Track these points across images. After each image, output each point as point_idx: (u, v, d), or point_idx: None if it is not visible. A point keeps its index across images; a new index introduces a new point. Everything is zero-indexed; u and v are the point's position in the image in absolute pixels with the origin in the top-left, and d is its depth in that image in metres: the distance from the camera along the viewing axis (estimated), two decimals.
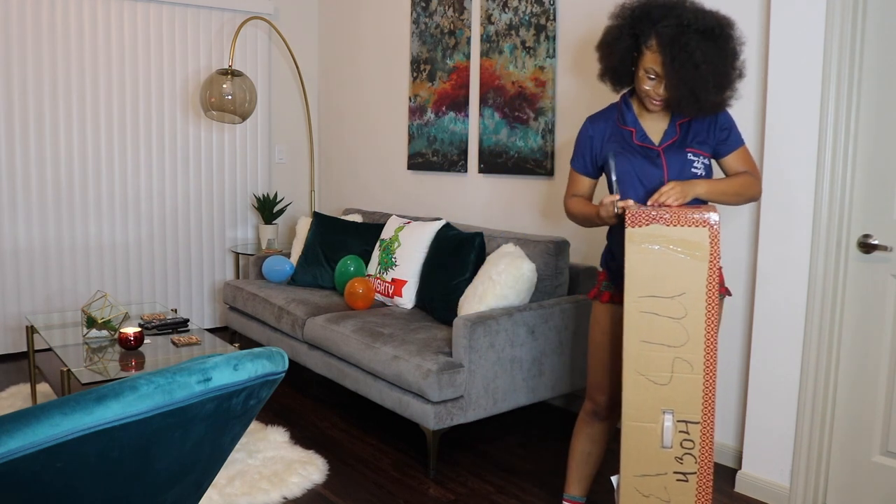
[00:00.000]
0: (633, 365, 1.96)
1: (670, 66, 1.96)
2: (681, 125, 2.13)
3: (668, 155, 2.10)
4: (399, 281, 3.63)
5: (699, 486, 2.01)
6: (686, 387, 1.96)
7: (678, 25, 1.94)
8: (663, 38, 1.96)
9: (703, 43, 1.93)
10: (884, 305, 2.42)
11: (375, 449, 3.11)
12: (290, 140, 5.35)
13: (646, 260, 1.91)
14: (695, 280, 1.91)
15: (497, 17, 3.80)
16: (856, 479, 2.50)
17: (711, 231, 1.89)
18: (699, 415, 1.97)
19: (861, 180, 2.45)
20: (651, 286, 1.92)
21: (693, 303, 1.92)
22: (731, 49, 1.99)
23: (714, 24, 1.95)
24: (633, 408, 1.98)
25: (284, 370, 1.34)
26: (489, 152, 3.91)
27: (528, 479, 2.83)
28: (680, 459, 2.00)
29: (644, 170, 2.11)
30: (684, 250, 1.90)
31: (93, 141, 4.49)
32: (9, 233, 4.28)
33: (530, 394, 3.00)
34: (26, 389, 3.75)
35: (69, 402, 1.05)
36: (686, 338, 1.94)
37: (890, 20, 2.35)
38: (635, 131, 2.15)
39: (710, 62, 1.94)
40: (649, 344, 1.94)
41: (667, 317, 1.93)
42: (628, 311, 1.93)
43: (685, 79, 1.95)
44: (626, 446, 2.00)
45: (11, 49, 4.17)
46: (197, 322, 4.98)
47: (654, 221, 1.89)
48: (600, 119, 2.24)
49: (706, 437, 1.98)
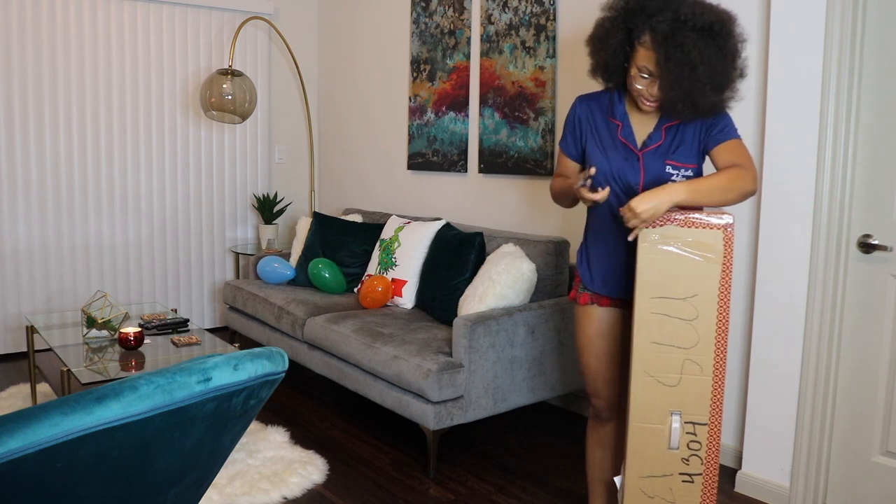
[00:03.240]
0: (643, 366, 1.95)
1: (665, 65, 1.84)
2: (667, 129, 2.00)
3: (647, 160, 2.00)
4: (399, 281, 3.63)
5: (704, 488, 2.01)
6: (695, 388, 1.95)
7: (674, 21, 1.80)
8: (658, 35, 1.83)
9: (701, 41, 1.80)
10: (884, 305, 2.42)
11: (375, 449, 3.11)
12: (290, 140, 5.35)
13: (658, 261, 1.89)
14: (707, 282, 1.90)
15: (497, 17, 3.80)
16: (856, 479, 2.50)
17: (726, 234, 1.87)
18: (707, 416, 1.97)
19: (861, 180, 2.45)
20: (663, 287, 1.90)
21: (705, 305, 1.91)
22: (732, 47, 1.86)
23: (714, 20, 1.82)
24: (640, 409, 1.97)
25: (284, 370, 1.34)
26: (489, 152, 3.91)
27: (528, 479, 2.83)
28: (686, 461, 1.99)
29: (621, 170, 2.01)
30: (698, 252, 1.88)
31: (93, 141, 4.49)
32: (9, 233, 4.29)
33: (530, 394, 3.00)
34: (26, 389, 3.75)
35: (69, 402, 1.05)
36: (697, 339, 1.92)
37: (890, 20, 2.35)
38: (622, 126, 2.04)
39: (708, 62, 1.81)
40: (659, 345, 1.93)
41: (678, 318, 1.91)
42: (639, 312, 1.92)
43: (680, 80, 1.83)
44: (632, 447, 2.00)
45: (11, 49, 4.17)
46: (197, 322, 4.98)
47: (668, 222, 1.87)
48: (590, 101, 2.12)
49: (713, 439, 1.98)
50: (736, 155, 1.96)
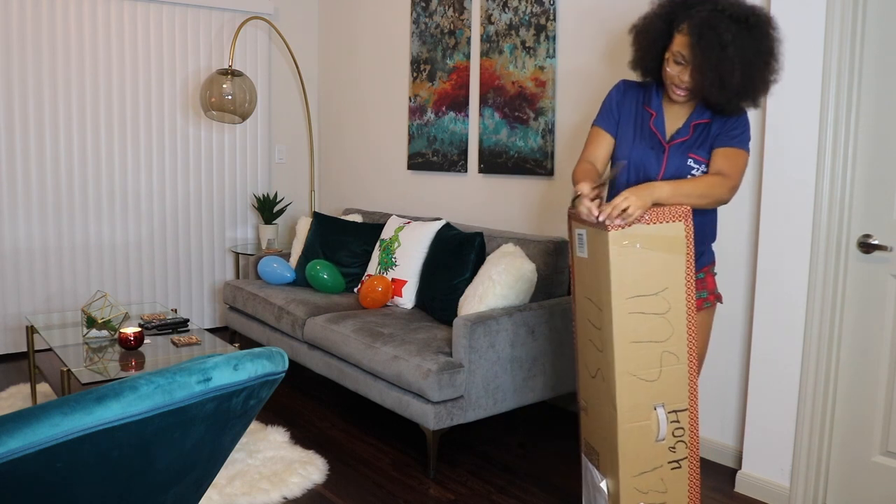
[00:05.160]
0: (625, 367, 1.96)
1: (697, 46, 1.94)
2: (695, 126, 2.11)
3: (672, 154, 2.10)
4: (399, 281, 3.63)
5: (690, 470, 2.05)
6: (674, 378, 1.99)
7: (712, 10, 1.94)
8: (694, 20, 1.94)
9: (734, 26, 1.91)
10: (884, 305, 2.42)
11: (375, 449, 3.11)
12: (290, 140, 5.35)
13: (630, 260, 1.91)
14: (675, 274, 1.95)
15: (497, 17, 3.80)
16: (856, 479, 2.50)
17: (686, 224, 1.94)
18: (686, 402, 2.01)
19: (861, 180, 2.45)
20: (637, 286, 1.93)
21: (675, 296, 1.95)
22: (766, 43, 1.96)
23: (750, 13, 1.94)
24: (627, 410, 1.98)
25: (284, 370, 1.34)
26: (489, 152, 3.91)
27: (528, 479, 2.83)
28: (673, 448, 2.03)
29: (643, 160, 2.12)
30: (664, 246, 1.93)
31: (93, 141, 4.49)
32: (9, 233, 4.29)
33: (530, 394, 3.00)
34: (26, 389, 3.75)
35: (69, 402, 1.05)
36: (671, 331, 1.97)
37: (890, 19, 2.35)
38: (655, 115, 2.15)
39: (740, 46, 1.91)
40: (638, 343, 1.95)
41: (653, 314, 1.95)
42: (616, 315, 1.93)
43: (711, 60, 1.92)
44: (623, 449, 2.00)
45: (11, 49, 4.17)
46: (197, 322, 4.98)
47: (635, 221, 1.90)
48: (631, 88, 2.24)
49: (693, 421, 2.03)
50: (729, 164, 2.05)
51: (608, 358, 1.97)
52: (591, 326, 2.06)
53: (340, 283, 3.97)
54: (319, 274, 3.92)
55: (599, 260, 1.95)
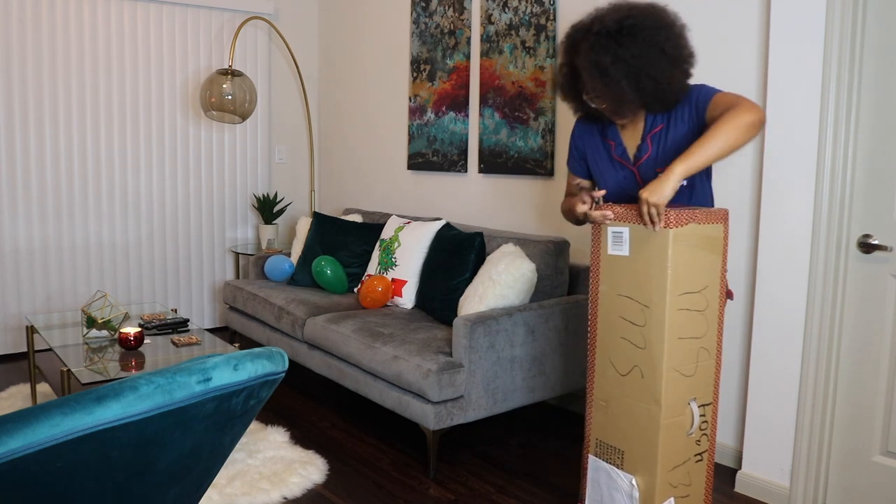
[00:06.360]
0: (671, 362, 1.98)
1: (589, 80, 1.97)
2: (652, 138, 2.09)
3: (643, 171, 2.11)
4: (399, 281, 3.63)
5: (709, 462, 2.11)
6: (706, 373, 2.06)
7: (587, 35, 1.95)
8: (580, 57, 1.97)
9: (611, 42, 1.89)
10: (884, 305, 2.42)
11: (375, 449, 3.11)
12: (290, 140, 5.35)
13: (683, 259, 1.95)
14: (714, 272, 2.02)
15: (497, 17, 3.80)
16: (856, 479, 2.50)
17: (725, 225, 2.01)
18: (711, 396, 2.08)
19: (861, 180, 2.45)
20: (687, 283, 1.97)
21: (713, 294, 2.02)
22: (652, 39, 1.89)
23: (623, 17, 1.90)
24: (669, 405, 2.00)
25: (284, 370, 1.34)
26: (489, 152, 3.91)
27: (528, 479, 2.83)
28: (698, 442, 2.08)
29: (623, 187, 2.16)
30: (708, 245, 1.99)
31: (93, 141, 4.49)
32: (9, 233, 4.29)
33: (530, 394, 3.00)
34: (26, 389, 3.75)
35: (69, 402, 1.05)
36: (707, 327, 2.03)
37: (890, 19, 2.35)
38: (615, 144, 2.17)
39: (622, 60, 1.89)
40: (682, 339, 1.99)
41: (695, 311, 2.00)
42: (669, 311, 1.95)
43: (602, 86, 1.94)
44: (664, 445, 2.01)
45: (11, 49, 4.17)
46: (197, 322, 4.98)
47: (691, 221, 1.94)
48: (590, 123, 2.26)
49: (714, 415, 2.10)
50: (723, 103, 1.92)
51: (653, 354, 1.97)
52: (628, 324, 2.05)
53: (343, 281, 3.96)
54: (324, 269, 3.92)
55: (651, 257, 1.95)
